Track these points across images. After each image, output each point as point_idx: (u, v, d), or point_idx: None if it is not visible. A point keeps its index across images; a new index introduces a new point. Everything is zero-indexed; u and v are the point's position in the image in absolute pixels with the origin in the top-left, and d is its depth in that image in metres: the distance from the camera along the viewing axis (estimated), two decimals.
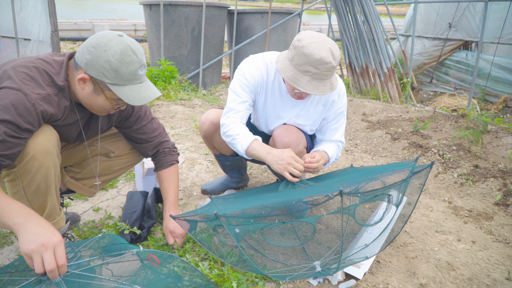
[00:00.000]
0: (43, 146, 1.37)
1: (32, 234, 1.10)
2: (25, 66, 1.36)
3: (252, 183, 2.62)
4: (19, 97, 1.28)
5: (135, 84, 1.43)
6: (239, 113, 1.92)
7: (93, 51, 1.36)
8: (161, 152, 1.86)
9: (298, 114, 1.99)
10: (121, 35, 1.41)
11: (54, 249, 1.10)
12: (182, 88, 5.20)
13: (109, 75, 1.37)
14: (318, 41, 1.65)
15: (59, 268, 1.10)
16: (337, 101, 1.98)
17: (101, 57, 1.35)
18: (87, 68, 1.37)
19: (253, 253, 1.74)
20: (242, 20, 5.94)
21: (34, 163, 1.37)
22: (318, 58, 1.62)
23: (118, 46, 1.36)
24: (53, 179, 1.45)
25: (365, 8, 5.18)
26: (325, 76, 1.68)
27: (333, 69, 1.69)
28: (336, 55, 1.68)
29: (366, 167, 2.55)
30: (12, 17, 4.01)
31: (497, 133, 3.47)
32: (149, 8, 5.41)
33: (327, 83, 1.71)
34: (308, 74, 1.67)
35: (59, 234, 1.15)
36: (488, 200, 2.47)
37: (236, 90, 1.94)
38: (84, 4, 23.35)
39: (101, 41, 1.36)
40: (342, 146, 2.07)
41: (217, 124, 2.08)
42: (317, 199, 1.96)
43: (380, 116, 4.34)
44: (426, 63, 6.93)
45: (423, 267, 1.75)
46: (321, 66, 1.64)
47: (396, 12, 21.64)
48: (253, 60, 1.95)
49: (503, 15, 5.88)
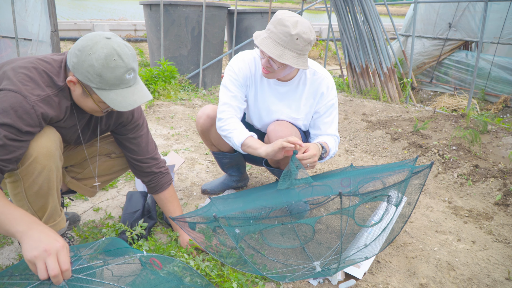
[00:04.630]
0: (45, 148, 1.37)
1: (35, 241, 1.10)
2: (24, 66, 1.34)
3: (252, 183, 2.62)
4: (18, 99, 1.27)
5: (122, 89, 1.36)
6: (233, 107, 1.97)
7: (79, 54, 1.32)
8: (157, 173, 1.80)
9: (289, 106, 2.01)
10: (109, 38, 1.35)
11: (57, 254, 1.10)
12: (182, 88, 5.20)
13: (94, 79, 1.32)
14: (292, 14, 1.76)
15: (63, 273, 1.10)
16: (326, 94, 2.00)
17: (86, 61, 1.31)
18: (74, 71, 1.34)
19: (253, 253, 1.74)
20: (242, 20, 5.94)
21: (36, 166, 1.36)
22: (279, 18, 1.73)
23: (103, 50, 1.30)
24: (55, 181, 1.45)
25: (365, 8, 5.18)
26: (280, 40, 1.72)
27: (290, 37, 1.70)
28: (300, 28, 1.71)
29: (366, 166, 2.55)
30: (12, 17, 4.01)
31: (497, 133, 3.47)
32: (149, 8, 5.41)
33: (279, 49, 1.73)
34: (268, 32, 1.77)
35: (62, 239, 1.15)
36: (488, 200, 2.47)
37: (227, 85, 2.00)
38: (84, 4, 23.34)
39: (87, 44, 1.32)
40: (338, 140, 2.08)
41: (213, 118, 2.11)
42: (317, 199, 1.96)
43: (380, 116, 4.34)
44: (426, 62, 6.93)
45: (423, 267, 1.75)
46: (279, 26, 1.72)
47: (396, 12, 21.64)
48: (242, 56, 2.02)
49: (503, 15, 5.88)
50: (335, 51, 9.57)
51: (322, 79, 1.99)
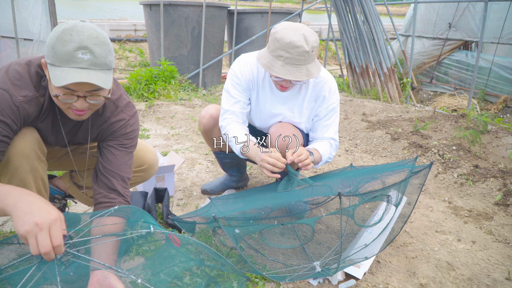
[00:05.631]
0: (18, 148, 1.35)
1: (26, 213, 1.04)
2: (19, 64, 1.35)
3: (252, 183, 2.62)
4: (5, 98, 1.27)
5: (71, 68, 1.21)
6: (234, 113, 1.96)
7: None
8: (122, 195, 1.51)
9: (291, 110, 2.00)
10: (84, 21, 1.27)
11: (50, 228, 1.04)
12: (182, 88, 5.20)
13: (49, 53, 1.23)
14: (291, 28, 1.70)
15: (55, 248, 1.05)
16: (328, 97, 1.98)
17: (48, 37, 1.25)
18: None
19: (252, 253, 1.74)
20: (242, 20, 5.94)
21: (9, 166, 1.35)
22: (288, 42, 1.66)
23: (65, 25, 1.23)
24: (32, 182, 1.40)
25: (365, 8, 5.18)
26: (299, 61, 1.69)
27: (307, 54, 1.69)
28: (310, 40, 1.69)
29: (365, 166, 2.55)
30: (12, 17, 4.01)
31: (497, 133, 3.47)
32: (149, 8, 5.41)
33: (302, 69, 1.71)
34: (281, 59, 1.70)
35: (55, 211, 1.08)
36: (488, 200, 2.47)
37: (229, 90, 1.98)
38: (84, 4, 23.33)
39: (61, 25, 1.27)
40: (336, 144, 2.04)
41: (216, 118, 2.11)
42: (317, 199, 1.96)
43: (380, 116, 4.34)
44: (426, 62, 6.93)
45: (423, 267, 1.75)
46: (292, 50, 1.67)
47: (396, 12, 21.62)
48: (244, 59, 1.99)
49: (503, 15, 5.88)
50: (335, 51, 9.57)
51: (324, 82, 1.97)
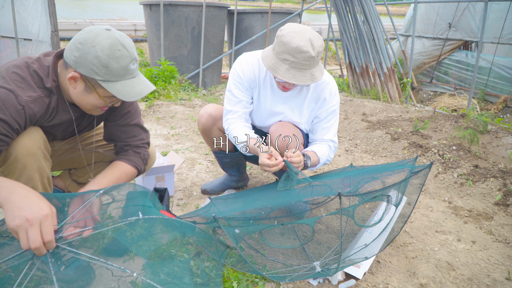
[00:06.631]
0: (26, 147, 1.36)
1: (17, 208, 1.04)
2: (18, 66, 1.35)
3: (252, 183, 2.62)
4: (11, 98, 1.28)
5: (128, 79, 1.36)
6: (237, 113, 1.97)
7: (80, 47, 1.29)
8: (133, 147, 1.67)
9: (292, 110, 2.00)
10: (109, 29, 1.33)
11: (41, 224, 1.04)
12: (182, 88, 5.20)
13: (100, 71, 1.30)
14: (298, 31, 1.70)
15: (46, 244, 1.05)
16: (328, 99, 1.98)
17: (90, 53, 1.28)
18: (76, 66, 1.31)
19: (252, 253, 1.74)
20: (242, 20, 5.94)
21: (17, 164, 1.35)
22: (295, 47, 1.66)
23: (107, 40, 1.29)
24: (38, 181, 1.42)
25: (365, 8, 5.18)
26: (304, 65, 1.70)
27: (312, 59, 1.69)
28: (316, 45, 1.69)
29: (365, 166, 2.55)
30: (12, 17, 4.02)
31: (497, 133, 3.47)
32: (149, 8, 5.41)
33: (307, 73, 1.72)
34: (287, 63, 1.71)
35: (47, 206, 1.08)
36: (488, 200, 2.47)
37: (232, 89, 1.99)
38: (84, 4, 23.34)
39: (89, 37, 1.29)
40: (335, 146, 2.04)
41: (215, 117, 2.11)
42: (317, 199, 1.96)
43: (380, 116, 4.34)
44: (426, 62, 6.93)
45: (423, 267, 1.75)
46: (298, 55, 1.67)
47: (396, 12, 21.63)
48: (245, 58, 2.00)
49: (503, 15, 5.88)
50: (335, 51, 9.57)
51: (325, 84, 1.97)
